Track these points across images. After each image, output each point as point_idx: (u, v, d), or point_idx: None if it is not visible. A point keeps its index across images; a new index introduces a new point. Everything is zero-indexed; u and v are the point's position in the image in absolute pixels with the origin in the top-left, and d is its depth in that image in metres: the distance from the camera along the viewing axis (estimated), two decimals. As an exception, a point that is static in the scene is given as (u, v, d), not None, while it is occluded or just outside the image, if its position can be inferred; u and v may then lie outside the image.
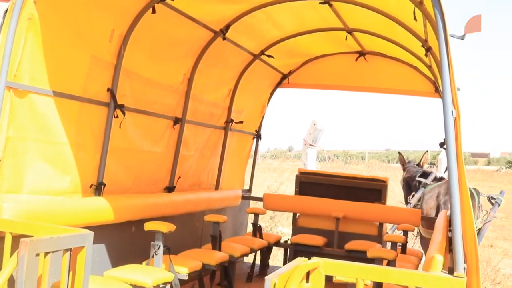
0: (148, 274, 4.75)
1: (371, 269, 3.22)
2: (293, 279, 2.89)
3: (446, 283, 3.11)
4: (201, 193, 7.12)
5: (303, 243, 7.38)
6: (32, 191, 4.43)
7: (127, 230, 5.60)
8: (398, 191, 17.19)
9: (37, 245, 3.23)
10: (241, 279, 7.22)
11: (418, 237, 10.17)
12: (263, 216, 12.35)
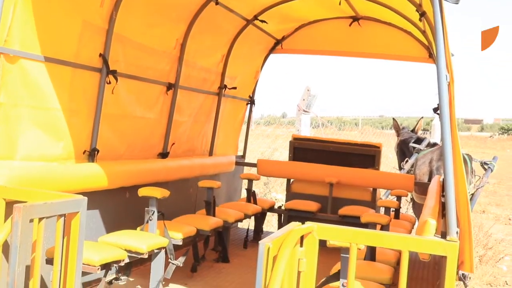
0: (142, 240, 4.77)
1: (365, 234, 3.24)
2: (287, 243, 2.90)
3: (439, 247, 3.13)
4: (195, 159, 7.12)
5: (297, 209, 7.42)
6: (25, 157, 4.41)
7: (121, 196, 5.61)
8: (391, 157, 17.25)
9: (31, 211, 3.23)
10: (235, 244, 7.27)
11: (411, 203, 10.23)
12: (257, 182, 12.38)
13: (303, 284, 3.24)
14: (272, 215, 11.15)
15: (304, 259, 3.20)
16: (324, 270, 3.83)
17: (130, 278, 5.31)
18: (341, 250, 3.39)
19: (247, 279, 5.84)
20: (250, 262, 6.45)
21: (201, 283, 5.60)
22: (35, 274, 3.38)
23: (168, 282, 5.36)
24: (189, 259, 5.61)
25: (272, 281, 2.72)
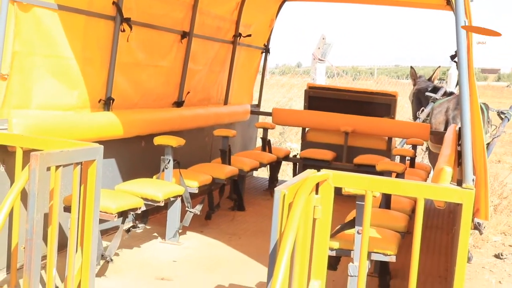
0: (158, 188, 4.80)
1: (380, 181, 3.23)
2: (302, 190, 2.90)
3: (454, 194, 3.12)
4: (210, 108, 7.11)
5: (312, 158, 7.42)
6: (40, 106, 4.43)
7: (137, 145, 5.63)
8: (407, 107, 17.14)
9: (48, 159, 3.25)
10: (250, 193, 7.31)
11: (426, 153, 10.20)
12: (272, 131, 12.39)
13: (318, 231, 3.25)
14: (287, 164, 11.17)
15: (319, 207, 3.21)
16: (339, 218, 3.85)
17: (147, 226, 5.38)
18: (357, 198, 3.40)
19: (262, 227, 5.89)
20: (265, 211, 6.50)
21: (216, 230, 5.65)
22: (53, 221, 3.42)
23: (184, 230, 5.42)
24: (204, 207, 5.65)
25: (288, 227, 2.73)
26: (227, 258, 4.89)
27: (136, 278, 4.28)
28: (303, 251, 3.15)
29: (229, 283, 4.24)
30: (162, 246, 5.08)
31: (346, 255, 3.66)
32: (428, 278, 4.69)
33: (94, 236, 3.64)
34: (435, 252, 5.48)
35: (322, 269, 3.29)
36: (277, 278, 2.65)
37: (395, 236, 3.96)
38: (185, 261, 4.75)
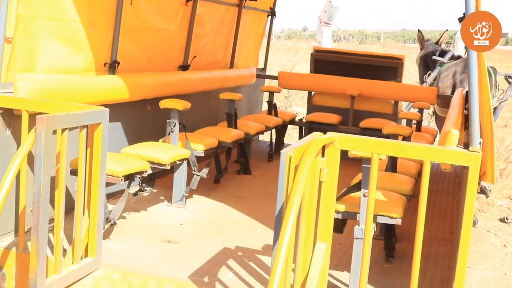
0: (165, 151, 4.81)
1: (387, 143, 3.22)
2: (309, 153, 2.89)
3: (461, 157, 3.11)
4: (216, 72, 7.08)
5: (318, 121, 7.40)
6: (46, 69, 4.41)
7: (143, 109, 5.62)
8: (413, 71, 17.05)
9: (54, 122, 3.25)
10: (256, 156, 7.32)
11: (433, 117, 10.17)
12: (278, 96, 12.36)
13: (324, 194, 3.26)
14: (292, 128, 11.17)
15: (325, 169, 3.21)
16: (345, 181, 3.86)
17: (154, 189, 5.40)
18: (363, 161, 3.40)
19: (268, 190, 5.91)
20: (272, 174, 6.51)
21: (223, 194, 5.67)
22: (60, 184, 3.43)
23: (191, 193, 5.44)
24: (210, 171, 5.67)
25: (294, 189, 2.73)
26: (233, 221, 4.92)
27: (143, 240, 4.31)
28: (309, 214, 3.17)
29: (235, 246, 4.26)
30: (169, 209, 5.11)
31: (352, 218, 3.67)
32: (433, 241, 4.72)
33: (101, 199, 3.66)
34: (440, 216, 5.50)
35: (328, 231, 3.31)
36: (283, 241, 2.66)
37: (401, 199, 3.96)
38: (192, 224, 4.78)
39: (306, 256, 3.23)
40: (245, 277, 3.73)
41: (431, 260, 4.26)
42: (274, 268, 2.63)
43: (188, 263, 3.91)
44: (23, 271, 3.67)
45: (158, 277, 3.65)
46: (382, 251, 4.28)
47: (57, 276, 3.40)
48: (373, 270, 3.59)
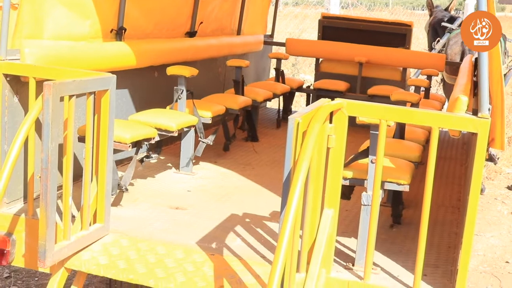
0: (172, 118, 4.80)
1: (395, 110, 3.21)
2: (316, 119, 2.88)
3: (470, 123, 3.09)
4: (223, 38, 7.04)
5: (325, 88, 7.37)
6: (52, 36, 4.39)
7: (150, 75, 5.60)
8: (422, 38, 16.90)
9: (61, 88, 3.24)
10: (264, 124, 7.32)
11: (441, 84, 10.12)
12: (285, 63, 12.31)
13: (332, 160, 3.26)
14: (300, 96, 11.14)
15: (333, 136, 3.20)
16: (353, 148, 3.85)
17: (161, 156, 5.41)
18: (371, 127, 3.38)
19: (276, 157, 5.91)
20: (279, 141, 6.51)
21: (230, 161, 5.68)
22: (68, 151, 3.44)
23: (198, 160, 5.45)
24: (218, 138, 5.67)
25: (302, 155, 2.73)
26: (240, 188, 4.93)
27: (151, 207, 4.33)
28: (317, 180, 3.17)
29: (243, 212, 4.28)
30: (176, 176, 5.12)
31: (359, 185, 3.67)
32: (441, 208, 4.72)
33: (109, 165, 3.66)
34: (448, 183, 5.50)
35: (335, 198, 3.31)
36: (291, 206, 2.67)
37: (408, 165, 3.96)
38: (199, 190, 4.80)
39: (313, 222, 3.25)
40: (253, 243, 3.75)
41: (438, 227, 4.27)
42: (281, 234, 2.64)
43: (196, 229, 3.93)
44: (32, 237, 3.70)
45: (166, 243, 3.67)
46: (389, 217, 4.29)
47: (66, 242, 3.42)
48: (380, 236, 3.60)
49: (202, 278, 3.28)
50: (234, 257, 3.53)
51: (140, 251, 3.56)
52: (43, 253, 3.22)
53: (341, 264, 3.48)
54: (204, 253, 3.56)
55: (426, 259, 3.23)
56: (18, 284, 5.54)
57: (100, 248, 3.58)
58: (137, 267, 3.39)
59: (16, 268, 5.72)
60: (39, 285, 5.51)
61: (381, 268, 3.46)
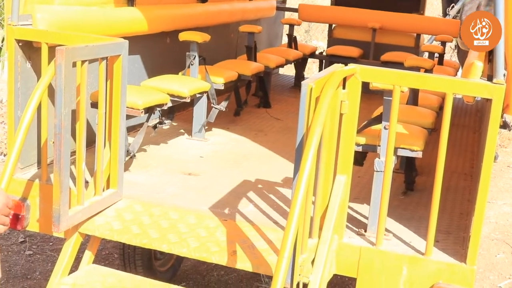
0: (184, 84, 4.79)
1: (409, 75, 3.18)
2: (330, 84, 2.86)
3: (484, 89, 3.07)
4: (235, 4, 6.98)
5: (338, 55, 7.31)
6: (64, 1, 4.36)
7: (162, 41, 5.58)
8: (436, 4, 16.71)
9: (73, 53, 3.23)
10: (276, 90, 7.29)
11: (455, 51, 10.02)
12: (298, 29, 12.22)
13: (345, 126, 3.25)
14: (313, 62, 11.08)
15: (346, 101, 3.18)
16: (365, 115, 3.83)
17: (173, 122, 5.41)
18: (384, 93, 3.36)
19: (288, 123, 5.90)
20: (291, 108, 6.49)
21: (242, 127, 5.67)
22: (81, 117, 3.44)
23: (210, 127, 5.45)
24: (230, 104, 5.66)
25: (315, 121, 2.72)
26: (253, 154, 4.93)
27: (164, 173, 4.34)
28: (330, 146, 3.17)
29: (255, 178, 4.29)
30: (189, 142, 5.12)
31: (372, 151, 3.66)
32: (453, 175, 4.71)
33: (122, 131, 3.67)
34: (461, 150, 5.47)
35: (348, 164, 3.31)
36: (304, 172, 2.67)
37: (422, 132, 3.94)
38: (212, 156, 4.80)
39: (326, 188, 3.25)
40: (265, 209, 3.77)
41: (451, 194, 4.26)
42: (294, 200, 2.65)
43: (209, 195, 3.94)
44: (46, 202, 3.73)
45: (179, 209, 3.69)
46: (402, 184, 4.29)
47: (80, 207, 3.44)
48: (392, 203, 3.60)
49: (215, 243, 3.30)
50: (247, 222, 3.54)
51: (153, 216, 3.59)
52: (57, 218, 3.25)
53: (353, 230, 3.49)
54: (216, 219, 3.58)
55: (438, 226, 3.23)
56: (33, 249, 5.60)
57: (113, 214, 3.60)
58: (150, 232, 3.41)
59: (31, 233, 5.79)
60: (53, 250, 5.57)
61: (393, 234, 3.47)
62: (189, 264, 5.45)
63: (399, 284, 3.23)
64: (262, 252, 3.21)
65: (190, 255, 3.28)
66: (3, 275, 5.14)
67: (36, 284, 5.04)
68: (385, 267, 3.25)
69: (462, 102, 7.13)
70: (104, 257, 5.49)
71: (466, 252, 3.20)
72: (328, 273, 3.21)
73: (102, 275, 3.48)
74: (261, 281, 5.23)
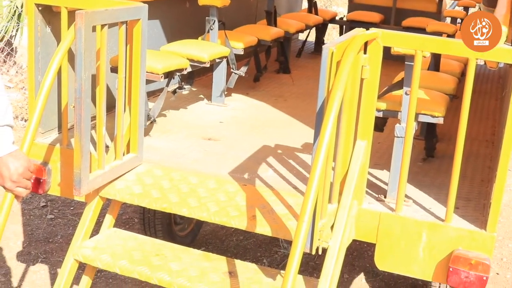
0: (204, 49, 4.77)
1: (431, 40, 3.14)
2: (351, 48, 2.83)
3: (508, 54, 3.02)
4: (255, -32, 6.91)
5: (359, 20, 7.23)
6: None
7: (181, 6, 5.54)
8: (459, -32, 16.45)
9: (93, 17, 3.22)
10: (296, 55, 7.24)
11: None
12: (318, -6, 12.08)
13: (365, 91, 3.22)
14: (333, 28, 10.98)
15: (367, 66, 3.15)
16: (386, 81, 3.79)
17: (193, 88, 5.40)
18: (406, 58, 3.32)
19: (307, 89, 5.87)
20: (311, 73, 6.45)
21: (262, 93, 5.65)
22: (101, 81, 3.44)
23: (230, 92, 5.43)
24: (250, 70, 5.63)
25: (336, 85, 2.69)
26: (272, 120, 4.92)
27: (184, 138, 4.35)
28: (350, 111, 3.15)
29: (275, 144, 4.28)
30: (208, 108, 5.12)
31: (393, 116, 3.64)
32: (474, 142, 4.67)
33: (141, 96, 3.67)
34: (482, 117, 5.42)
35: (368, 129, 3.29)
36: (324, 137, 2.65)
37: (443, 98, 3.90)
38: (231, 122, 4.80)
39: (346, 154, 3.24)
40: (285, 174, 3.76)
41: (472, 161, 4.23)
42: (314, 165, 2.64)
43: (228, 160, 3.94)
44: (67, 166, 3.75)
45: (199, 173, 3.70)
46: (422, 151, 4.26)
47: (101, 171, 3.46)
48: (412, 169, 3.58)
49: (235, 208, 3.31)
50: (266, 187, 3.54)
51: (173, 180, 3.60)
52: (78, 182, 3.27)
53: (373, 196, 3.48)
54: (236, 184, 3.58)
55: (458, 192, 3.21)
56: (54, 213, 5.67)
57: (134, 178, 3.62)
58: (170, 196, 3.43)
59: (52, 198, 5.85)
60: (74, 214, 5.63)
61: (413, 200, 3.45)
62: (208, 229, 5.49)
63: (419, 251, 3.23)
64: (282, 217, 3.22)
65: (210, 219, 3.29)
66: (25, 239, 5.22)
67: (58, 247, 5.11)
68: (404, 233, 3.25)
69: (484, 69, 7.03)
70: (125, 222, 5.54)
71: (486, 219, 3.18)
72: (348, 238, 3.22)
73: (123, 238, 3.51)
74: (280, 246, 5.26)
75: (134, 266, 3.23)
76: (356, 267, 5.09)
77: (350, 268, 5.03)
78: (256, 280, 3.14)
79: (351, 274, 4.98)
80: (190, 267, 3.23)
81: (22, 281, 4.64)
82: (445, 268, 3.16)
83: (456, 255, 3.11)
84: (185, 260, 3.30)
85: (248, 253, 5.18)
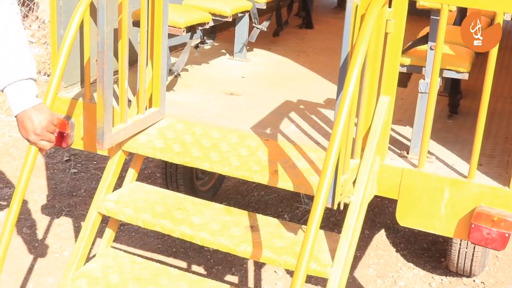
0: (226, 2, 4.72)
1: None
2: (375, 1, 2.78)
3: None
4: None
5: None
6: None
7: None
8: None
9: (115, -30, 3.20)
10: (319, 10, 7.16)
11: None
12: None
13: (390, 46, 3.18)
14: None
15: (392, 20, 3.10)
16: (411, 36, 3.74)
17: (215, 43, 5.37)
18: (431, 12, 3.26)
19: (330, 44, 5.81)
20: (335, 29, 6.37)
21: (284, 48, 5.61)
22: (123, 35, 3.43)
23: (252, 47, 5.39)
24: (272, 24, 5.58)
25: (360, 39, 2.66)
26: (295, 75, 4.89)
27: (206, 92, 4.34)
28: (374, 66, 3.11)
29: (297, 99, 4.26)
30: (230, 63, 5.10)
31: (417, 72, 3.59)
32: (499, 98, 4.61)
33: (164, 50, 3.66)
34: (508, 74, 5.33)
35: (392, 85, 3.26)
36: (347, 92, 2.63)
37: (468, 53, 3.83)
38: (253, 77, 4.78)
39: (369, 109, 3.22)
40: (307, 129, 3.75)
41: (496, 118, 4.18)
42: (337, 119, 2.63)
43: (250, 115, 3.94)
44: (90, 120, 3.77)
45: (221, 128, 3.70)
46: (446, 107, 4.21)
47: (123, 125, 3.48)
48: (436, 125, 3.55)
49: (257, 163, 3.31)
50: (288, 142, 3.54)
51: (195, 135, 3.61)
52: (101, 136, 3.29)
53: (396, 152, 3.46)
54: (258, 138, 3.58)
55: (482, 149, 3.18)
56: (78, 167, 5.72)
57: (156, 132, 3.63)
58: (192, 150, 3.44)
59: (76, 152, 5.90)
60: (97, 169, 5.69)
61: (436, 156, 3.43)
62: (229, 184, 5.52)
63: (441, 207, 3.22)
64: (304, 172, 3.22)
65: (232, 173, 3.30)
66: (49, 192, 5.28)
67: (81, 201, 5.17)
68: (426, 189, 3.24)
69: (510, 25, 6.91)
70: (147, 176, 5.59)
71: (509, 176, 3.16)
72: (369, 194, 3.22)
73: (146, 192, 3.54)
74: (301, 202, 5.28)
75: (156, 219, 3.26)
76: (377, 223, 5.11)
77: (371, 224, 5.05)
78: (277, 235, 3.16)
79: (371, 230, 5.00)
80: (211, 221, 3.26)
81: (47, 234, 4.72)
82: (467, 224, 3.16)
83: (478, 212, 3.10)
84: (207, 214, 3.33)
85: (269, 208, 5.20)
